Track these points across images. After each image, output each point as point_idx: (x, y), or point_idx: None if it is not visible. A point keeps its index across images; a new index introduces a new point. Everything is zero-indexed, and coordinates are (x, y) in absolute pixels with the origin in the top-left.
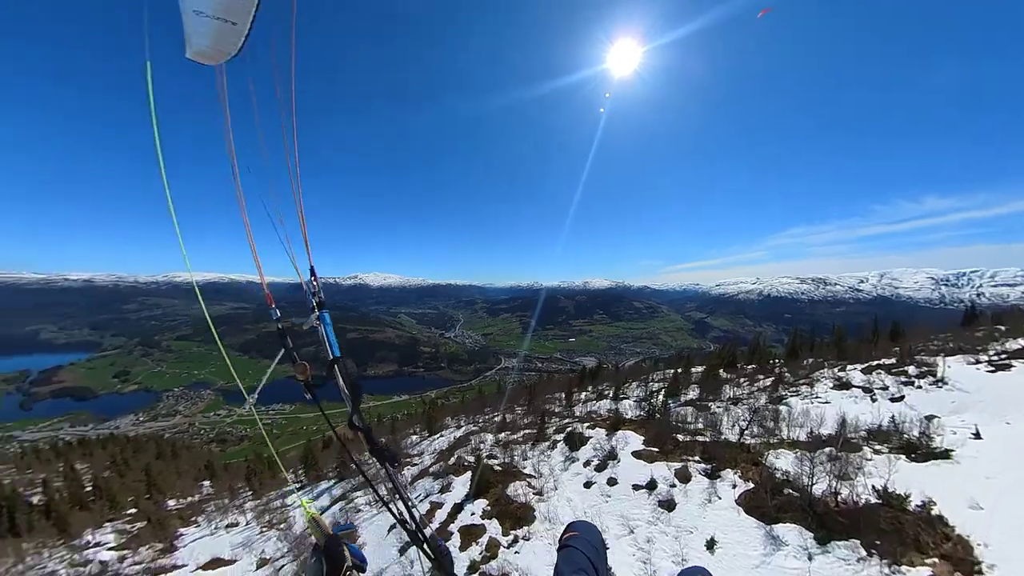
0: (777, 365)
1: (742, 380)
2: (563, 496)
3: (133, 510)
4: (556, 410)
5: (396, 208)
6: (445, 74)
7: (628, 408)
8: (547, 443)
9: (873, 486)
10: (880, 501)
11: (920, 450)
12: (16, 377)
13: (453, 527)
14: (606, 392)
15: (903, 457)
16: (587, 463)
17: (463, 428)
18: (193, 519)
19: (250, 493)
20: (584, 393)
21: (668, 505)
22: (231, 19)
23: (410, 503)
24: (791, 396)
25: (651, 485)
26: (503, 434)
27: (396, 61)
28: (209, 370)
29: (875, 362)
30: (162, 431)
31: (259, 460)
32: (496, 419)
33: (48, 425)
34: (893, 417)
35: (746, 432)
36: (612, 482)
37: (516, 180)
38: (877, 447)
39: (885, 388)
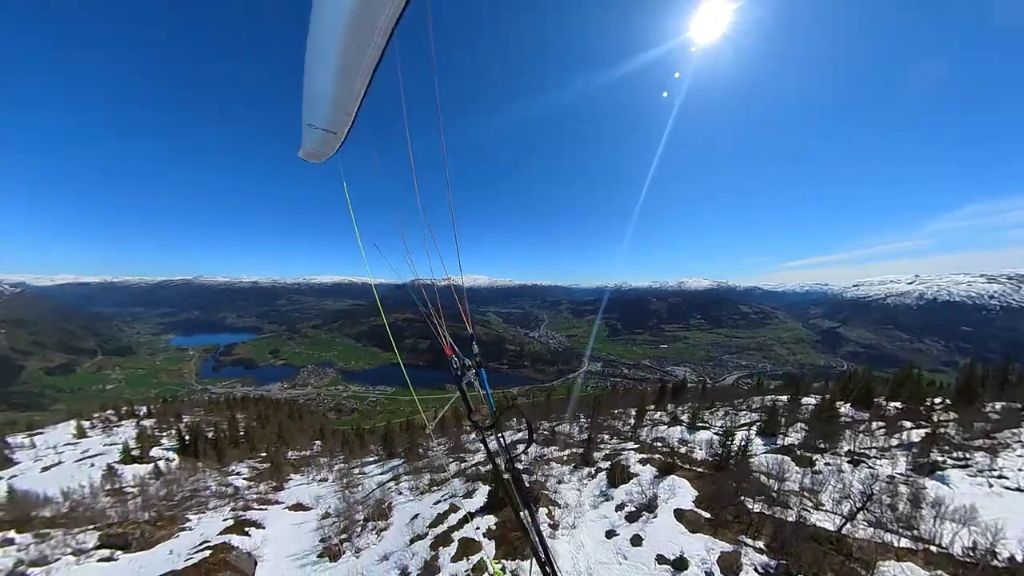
0: (938, 408)
1: (875, 426)
2: (577, 540)
3: (264, 454)
4: (622, 429)
5: (485, 211)
6: (519, 73)
7: (701, 443)
8: (590, 470)
9: None
10: None
11: None
12: (211, 349)
13: (457, 535)
14: (682, 416)
15: None
16: (620, 507)
17: (521, 433)
18: (301, 469)
19: (341, 456)
20: (660, 413)
21: None
22: (333, 130)
23: (544, 540)
24: (952, 467)
25: (680, 564)
26: (550, 449)
27: (473, 64)
28: (333, 353)
29: None
30: (297, 397)
31: (356, 432)
32: (558, 429)
33: (227, 384)
34: None
35: (856, 518)
36: (636, 541)
37: (601, 177)
38: None
39: None
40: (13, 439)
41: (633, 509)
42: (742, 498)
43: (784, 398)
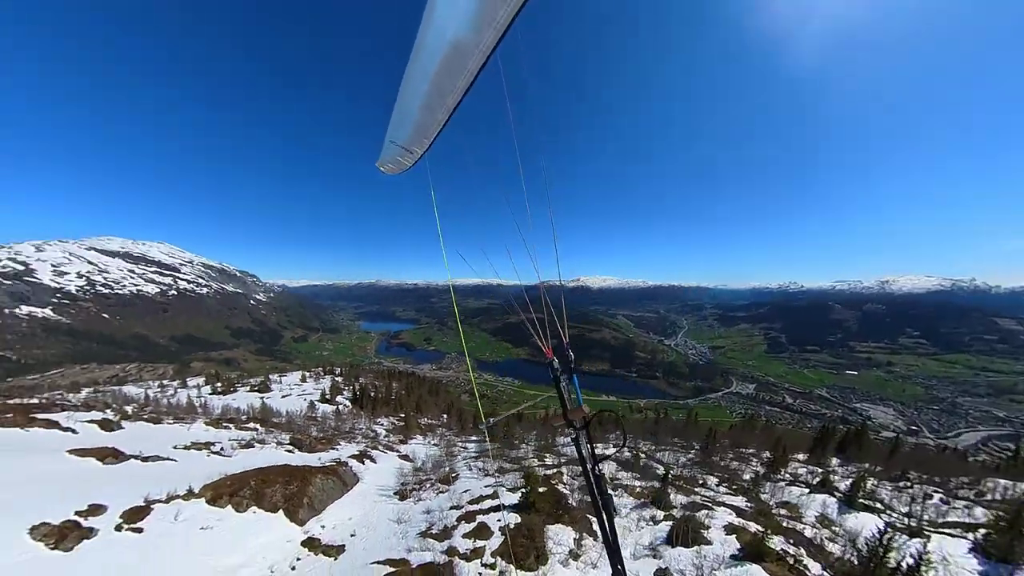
0: None
1: None
2: None
3: (402, 415)
4: (742, 475)
5: (613, 208)
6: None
7: (850, 533)
8: (656, 512)
9: None
10: None
11: None
12: (385, 333)
13: (480, 517)
14: (839, 482)
15: None
16: (662, 572)
17: (611, 449)
18: (425, 432)
19: (452, 431)
20: (807, 468)
21: None
22: (411, 149)
23: (619, 547)
24: None
25: None
26: (628, 473)
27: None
28: (471, 344)
29: None
30: (440, 378)
31: (474, 414)
32: (651, 454)
33: (393, 360)
34: None
35: None
36: None
37: (758, 152)
38: None
39: None
40: (273, 377)
41: None
42: None
43: None
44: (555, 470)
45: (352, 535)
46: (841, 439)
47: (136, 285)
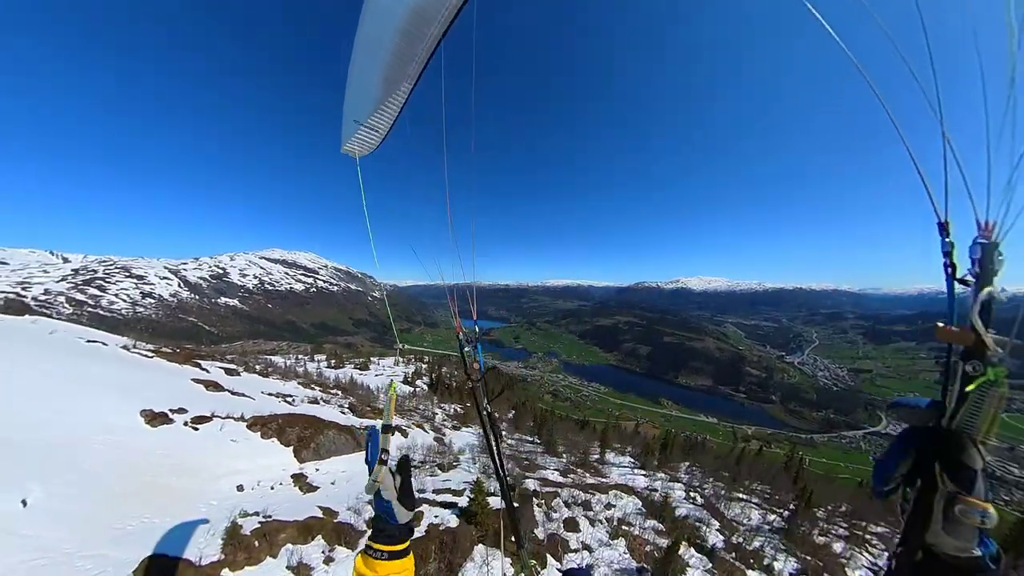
0: None
1: None
2: None
3: (468, 404)
4: (845, 565)
5: (719, 200)
6: None
7: None
8: (641, 566)
9: None
10: None
11: None
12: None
13: (425, 507)
14: None
15: None
16: None
17: (658, 481)
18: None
19: (508, 429)
20: None
21: None
22: (374, 129)
23: (503, 463)
24: None
25: None
26: (644, 520)
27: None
28: (559, 346)
29: None
30: (525, 376)
31: (543, 414)
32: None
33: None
34: None
35: None
36: None
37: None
38: None
39: None
40: (373, 359)
41: None
42: None
43: None
44: (553, 488)
45: (332, 483)
46: None
47: (289, 284)
